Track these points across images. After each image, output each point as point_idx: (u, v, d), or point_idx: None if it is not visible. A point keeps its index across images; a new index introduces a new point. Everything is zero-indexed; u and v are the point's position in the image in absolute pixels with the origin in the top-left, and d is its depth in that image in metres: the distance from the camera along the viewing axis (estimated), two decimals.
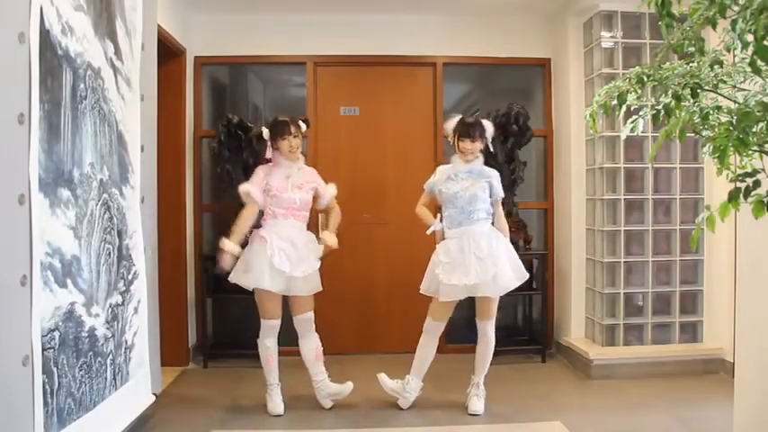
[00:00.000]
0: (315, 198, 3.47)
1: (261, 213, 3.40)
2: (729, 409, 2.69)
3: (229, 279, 3.39)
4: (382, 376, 3.49)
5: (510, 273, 3.32)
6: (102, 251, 2.61)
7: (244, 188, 3.37)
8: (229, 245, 3.25)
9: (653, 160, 2.42)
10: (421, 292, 3.42)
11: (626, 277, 4.14)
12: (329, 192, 3.49)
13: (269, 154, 3.44)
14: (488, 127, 3.42)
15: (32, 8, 2.04)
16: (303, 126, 3.43)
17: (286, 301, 3.44)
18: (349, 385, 3.44)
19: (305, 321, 3.42)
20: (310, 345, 3.43)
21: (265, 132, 3.41)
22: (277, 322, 3.40)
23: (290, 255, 3.29)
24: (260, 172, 3.43)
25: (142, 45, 3.13)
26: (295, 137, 3.35)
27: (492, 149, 3.55)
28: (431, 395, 3.58)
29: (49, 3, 2.14)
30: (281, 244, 3.28)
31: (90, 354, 2.48)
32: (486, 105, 4.72)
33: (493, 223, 3.42)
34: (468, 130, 3.36)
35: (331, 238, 3.44)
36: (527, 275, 3.41)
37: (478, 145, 3.38)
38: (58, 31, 2.22)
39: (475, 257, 3.25)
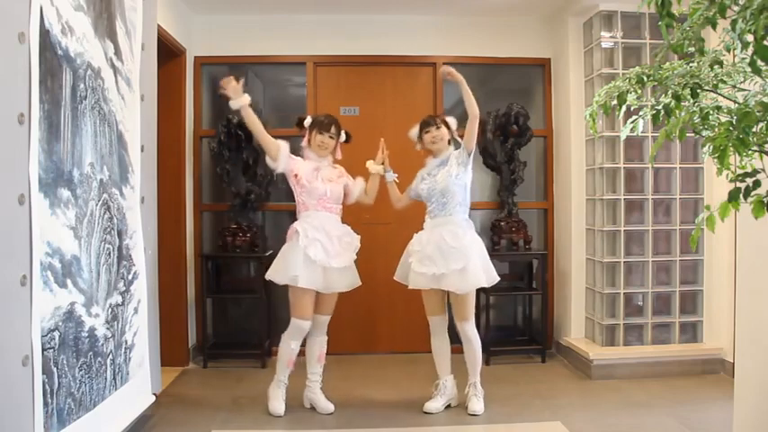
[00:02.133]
0: (345, 194, 3.52)
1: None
2: (729, 409, 2.70)
3: (266, 277, 3.42)
4: (428, 406, 3.43)
5: (480, 270, 3.32)
6: (102, 251, 2.61)
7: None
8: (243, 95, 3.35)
9: (653, 160, 2.42)
10: (394, 278, 3.54)
11: (626, 277, 4.14)
12: (358, 186, 3.57)
13: (303, 143, 3.49)
14: (450, 119, 3.53)
15: (32, 8, 2.04)
16: (344, 136, 3.53)
17: None
18: (330, 408, 3.41)
19: (323, 323, 3.48)
20: (319, 341, 3.48)
21: (308, 120, 3.48)
22: (308, 324, 3.36)
23: (325, 245, 3.30)
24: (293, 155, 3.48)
25: (142, 45, 3.13)
26: (330, 137, 3.44)
27: (457, 139, 3.55)
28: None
29: (48, 3, 2.14)
30: (315, 234, 3.29)
31: (90, 354, 2.48)
32: (486, 105, 4.72)
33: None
34: (428, 120, 3.51)
35: (374, 166, 3.54)
36: (497, 279, 3.42)
37: (445, 131, 3.46)
38: (57, 31, 2.22)
39: (445, 247, 3.29)
